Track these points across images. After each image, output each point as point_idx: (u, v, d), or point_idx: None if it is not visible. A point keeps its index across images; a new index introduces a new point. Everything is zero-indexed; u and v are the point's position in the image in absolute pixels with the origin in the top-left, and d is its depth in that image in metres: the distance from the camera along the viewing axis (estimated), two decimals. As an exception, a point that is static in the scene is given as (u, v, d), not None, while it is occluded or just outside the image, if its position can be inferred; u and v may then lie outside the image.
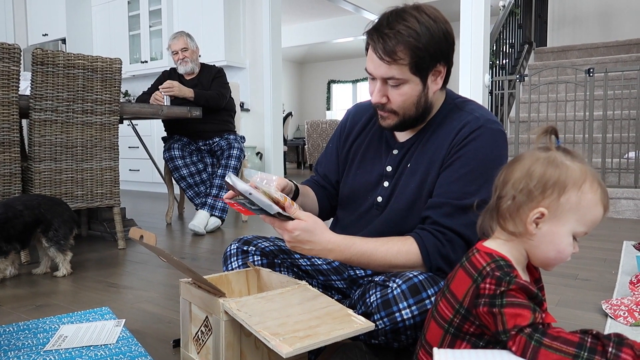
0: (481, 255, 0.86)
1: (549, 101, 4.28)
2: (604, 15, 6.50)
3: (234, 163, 3.20)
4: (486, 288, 0.81)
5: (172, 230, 3.24)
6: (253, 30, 5.03)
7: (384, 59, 1.06)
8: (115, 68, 2.54)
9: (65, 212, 2.11)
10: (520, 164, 0.86)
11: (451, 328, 0.87)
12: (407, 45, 1.04)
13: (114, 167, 2.63)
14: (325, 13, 8.77)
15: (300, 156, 10.26)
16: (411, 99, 1.11)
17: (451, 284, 0.89)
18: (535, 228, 0.84)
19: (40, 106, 2.33)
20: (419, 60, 1.06)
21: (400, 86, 1.09)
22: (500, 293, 0.79)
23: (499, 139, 1.12)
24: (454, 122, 1.14)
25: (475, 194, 1.08)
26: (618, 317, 1.50)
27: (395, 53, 1.05)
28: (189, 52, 3.37)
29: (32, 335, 1.40)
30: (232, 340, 1.00)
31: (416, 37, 1.04)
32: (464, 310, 0.85)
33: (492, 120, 1.14)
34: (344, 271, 1.30)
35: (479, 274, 0.83)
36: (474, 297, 0.82)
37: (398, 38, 1.04)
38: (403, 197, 1.17)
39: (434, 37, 1.06)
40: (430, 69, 1.09)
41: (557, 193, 0.82)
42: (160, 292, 1.89)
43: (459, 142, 1.11)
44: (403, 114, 1.13)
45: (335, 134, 1.38)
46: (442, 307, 0.89)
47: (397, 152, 1.22)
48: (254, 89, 5.03)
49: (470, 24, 3.97)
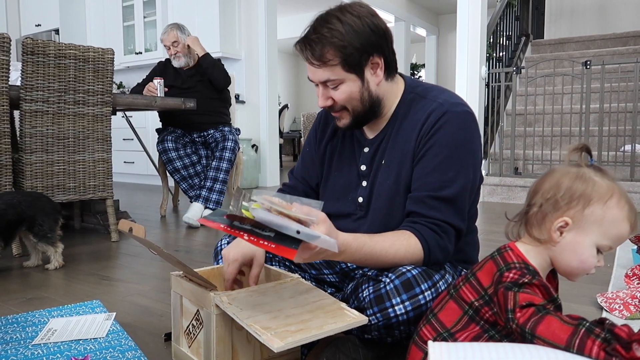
0: (515, 254, 0.91)
1: (546, 94, 4.26)
2: (601, 7, 6.47)
3: (228, 155, 3.18)
4: (509, 277, 0.85)
5: (166, 223, 3.22)
6: (248, 21, 4.98)
7: (315, 64, 1.09)
8: (108, 58, 2.51)
9: (46, 205, 2.07)
10: (551, 176, 0.92)
11: (470, 310, 0.91)
12: (332, 46, 1.06)
13: (106, 159, 2.60)
14: (322, 4, 8.67)
15: (296, 149, 10.23)
16: (353, 95, 1.12)
17: (478, 272, 0.93)
18: (559, 236, 0.89)
19: (31, 97, 2.29)
20: (348, 58, 1.07)
21: (339, 86, 1.11)
22: (522, 283, 0.83)
23: (466, 120, 1.12)
24: (418, 112, 1.14)
25: (454, 181, 1.08)
26: (613, 311, 1.49)
27: (323, 56, 1.07)
28: (180, 46, 3.32)
29: (20, 329, 1.38)
30: (224, 334, 0.98)
31: (340, 37, 1.06)
32: (487, 297, 0.90)
33: (457, 102, 1.13)
34: (336, 265, 1.28)
35: (506, 265, 0.88)
36: (497, 283, 0.87)
37: (323, 42, 1.07)
38: (382, 194, 1.17)
39: (358, 33, 1.07)
40: (363, 63, 1.10)
41: (582, 205, 0.87)
42: (153, 285, 1.87)
43: (427, 132, 1.11)
44: (352, 110, 1.14)
45: (309, 138, 1.37)
46: (465, 290, 0.93)
47: (367, 149, 1.22)
48: (250, 81, 4.99)
49: (467, 16, 3.94)
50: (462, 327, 0.92)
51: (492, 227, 2.96)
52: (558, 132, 4.15)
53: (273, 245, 0.80)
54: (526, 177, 3.99)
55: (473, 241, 1.26)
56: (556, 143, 4.17)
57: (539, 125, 4.41)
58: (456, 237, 1.11)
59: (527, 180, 3.92)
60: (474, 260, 1.26)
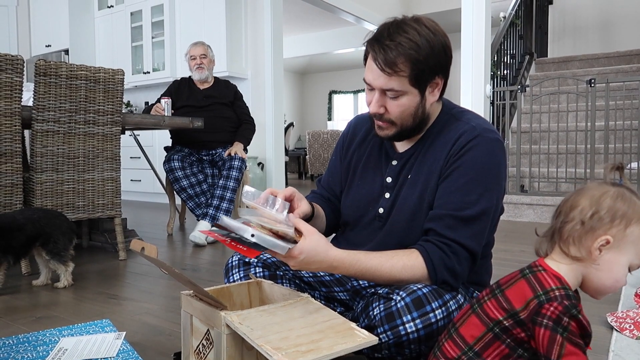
0: (549, 276, 0.90)
1: (551, 111, 4.28)
2: (605, 26, 6.52)
3: (236, 174, 3.20)
4: (550, 311, 0.84)
5: (173, 241, 3.23)
6: (255, 41, 5.05)
7: (385, 71, 1.06)
8: (118, 79, 2.55)
9: (63, 224, 2.10)
10: (587, 193, 0.92)
11: (496, 328, 0.90)
12: (407, 58, 1.04)
13: (115, 178, 2.62)
14: (327, 24, 8.82)
15: (301, 166, 10.26)
16: (409, 110, 1.11)
17: (507, 290, 0.92)
18: (598, 254, 0.89)
19: (42, 117, 2.33)
20: (418, 73, 1.06)
21: (398, 98, 1.09)
22: (566, 324, 0.83)
23: (495, 147, 1.12)
24: (451, 132, 1.14)
25: (476, 204, 1.08)
26: (624, 330, 1.48)
27: (396, 65, 1.05)
28: (207, 60, 3.45)
29: (31, 348, 1.39)
30: (234, 353, 0.98)
31: (417, 50, 1.04)
32: (518, 319, 0.88)
33: (489, 129, 1.14)
34: (347, 282, 1.28)
35: (544, 293, 0.87)
36: (534, 313, 0.85)
37: (399, 50, 1.04)
38: (404, 208, 1.16)
39: (433, 49, 1.06)
40: (429, 81, 1.09)
41: (624, 224, 0.88)
42: (161, 304, 1.87)
43: (456, 152, 1.11)
44: (401, 124, 1.13)
45: (337, 146, 1.38)
46: (491, 306, 0.91)
47: (396, 162, 1.21)
48: (256, 100, 5.04)
49: (471, 34, 3.98)
50: (486, 344, 0.91)
51: (499, 245, 2.95)
52: (564, 149, 4.15)
53: (245, 248, 0.95)
54: (532, 194, 3.99)
55: (486, 265, 1.26)
56: (562, 160, 4.18)
57: (544, 143, 4.42)
58: (470, 261, 1.09)
59: (533, 197, 3.91)
60: (485, 282, 1.25)
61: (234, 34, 4.98)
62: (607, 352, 1.37)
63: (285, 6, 5.85)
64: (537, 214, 3.92)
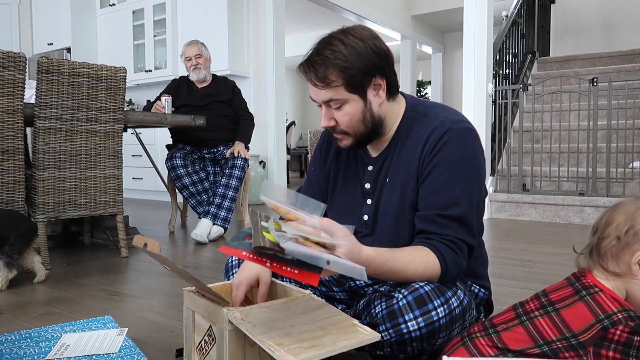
0: (608, 298, 0.90)
1: (553, 111, 4.27)
2: (607, 25, 6.51)
3: (238, 173, 3.20)
4: (617, 334, 0.85)
5: (174, 239, 3.23)
6: (257, 39, 5.05)
7: (319, 85, 1.10)
8: (120, 77, 2.55)
9: (22, 225, 2.03)
10: (622, 209, 0.93)
11: (545, 347, 0.91)
12: (335, 68, 1.08)
13: (117, 175, 2.63)
14: (328, 23, 8.81)
15: (303, 165, 10.26)
16: (356, 117, 1.13)
17: (564, 311, 0.92)
18: (638, 269, 0.90)
19: (44, 114, 2.33)
20: (350, 79, 1.09)
21: (342, 107, 1.12)
22: (637, 344, 0.84)
23: (467, 137, 1.13)
24: (420, 130, 1.15)
25: (461, 198, 1.09)
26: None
27: (327, 77, 1.08)
28: (202, 59, 3.42)
29: (34, 344, 1.39)
30: (236, 350, 0.98)
31: (343, 59, 1.07)
32: (575, 342, 0.89)
33: (458, 119, 1.14)
34: (345, 283, 1.29)
35: (607, 317, 0.87)
36: (598, 338, 0.86)
37: (327, 63, 1.08)
38: (388, 212, 1.17)
39: (361, 54, 1.08)
40: (365, 84, 1.11)
41: None
42: (163, 300, 1.88)
43: (430, 151, 1.12)
44: (354, 132, 1.15)
45: (314, 157, 1.39)
46: (544, 324, 0.92)
47: (372, 168, 1.23)
48: (258, 99, 5.04)
49: (473, 33, 3.98)
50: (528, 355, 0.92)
51: (500, 243, 2.95)
52: (566, 148, 4.15)
53: (296, 271, 0.81)
54: (534, 193, 3.98)
55: (480, 255, 1.27)
56: (564, 160, 4.17)
57: (546, 142, 4.41)
58: (469, 254, 1.12)
59: (534, 196, 3.91)
60: (482, 274, 1.26)
61: (236, 32, 4.98)
62: None
63: (287, 5, 5.85)
64: (538, 212, 3.92)
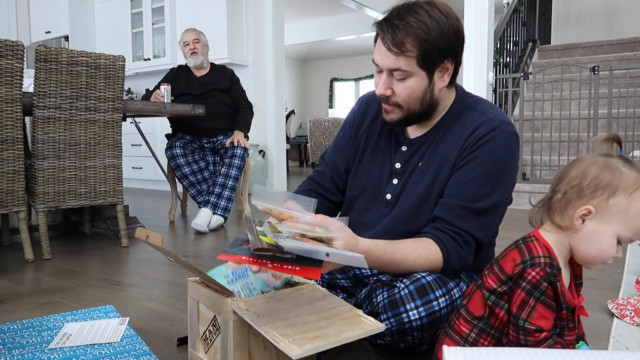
0: (540, 245, 0.92)
1: (554, 99, 4.26)
2: (609, 13, 6.47)
3: (238, 162, 3.20)
4: (531, 275, 0.88)
5: (175, 228, 3.23)
6: (256, 28, 5.01)
7: (392, 50, 1.04)
8: (119, 65, 2.53)
9: None
10: (578, 164, 0.92)
11: (492, 296, 0.94)
12: (416, 38, 1.03)
13: (117, 165, 2.62)
14: (328, 11, 8.74)
15: (302, 154, 10.25)
16: (416, 94, 1.09)
17: (501, 260, 0.95)
18: (580, 224, 0.90)
19: (43, 103, 2.32)
20: (426, 54, 1.04)
21: (406, 79, 1.07)
22: (544, 289, 0.87)
23: (512, 141, 1.11)
24: (466, 122, 1.13)
25: (488, 197, 1.08)
26: (624, 317, 1.49)
27: (403, 44, 1.03)
28: (200, 45, 3.42)
29: (36, 333, 1.39)
30: (241, 340, 0.99)
31: (426, 30, 1.03)
32: (512, 283, 0.92)
33: (506, 121, 1.12)
34: (349, 270, 1.28)
35: (530, 258, 0.90)
36: (517, 276, 0.90)
37: (408, 30, 1.02)
38: (412, 196, 1.15)
39: (443, 31, 1.04)
40: (437, 64, 1.07)
41: (607, 195, 0.88)
42: (164, 290, 1.88)
43: (472, 143, 1.09)
44: (407, 108, 1.11)
45: (346, 122, 1.34)
46: (489, 279, 0.95)
47: (406, 149, 1.20)
48: (257, 87, 5.02)
49: (474, 21, 3.95)
50: (489, 314, 0.95)
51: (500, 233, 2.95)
52: (566, 137, 4.14)
53: (297, 267, 0.82)
54: (534, 182, 3.98)
55: (490, 253, 1.26)
56: (564, 149, 4.17)
57: (546, 131, 4.40)
58: (477, 250, 1.11)
59: (534, 186, 3.91)
60: None
61: (235, 20, 4.94)
62: (607, 338, 1.37)
63: (286, -8, 5.80)
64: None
